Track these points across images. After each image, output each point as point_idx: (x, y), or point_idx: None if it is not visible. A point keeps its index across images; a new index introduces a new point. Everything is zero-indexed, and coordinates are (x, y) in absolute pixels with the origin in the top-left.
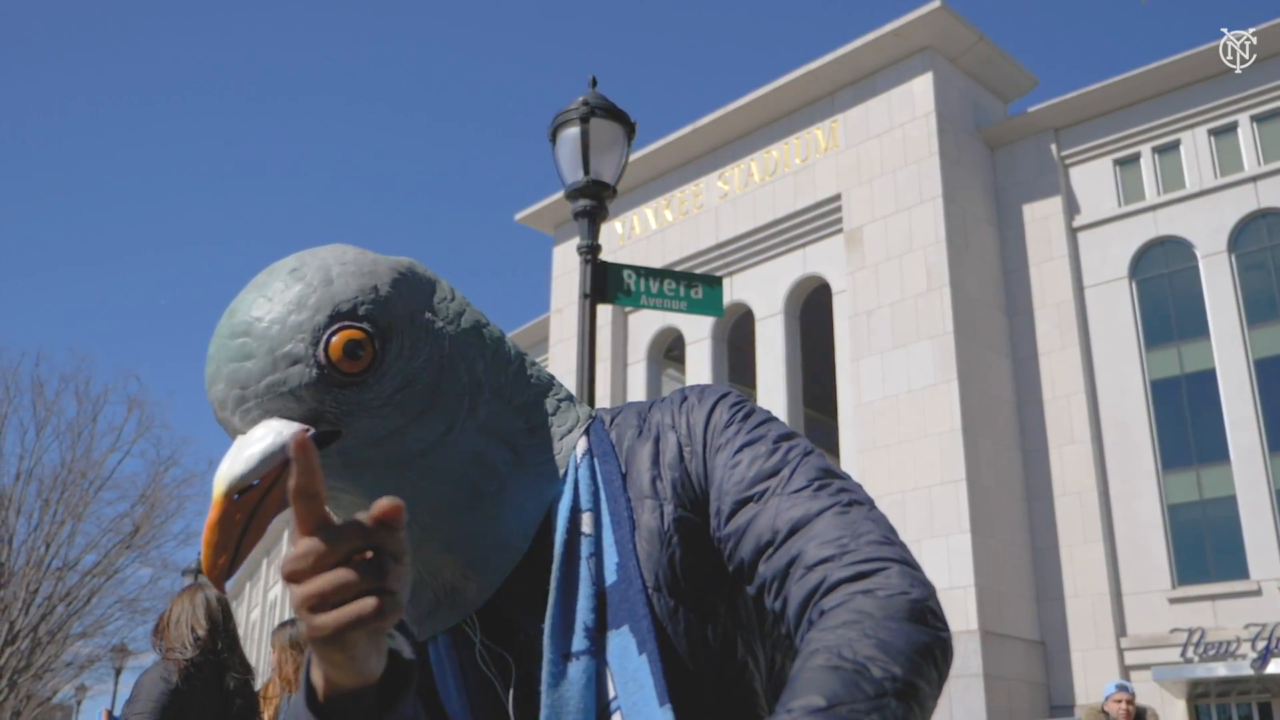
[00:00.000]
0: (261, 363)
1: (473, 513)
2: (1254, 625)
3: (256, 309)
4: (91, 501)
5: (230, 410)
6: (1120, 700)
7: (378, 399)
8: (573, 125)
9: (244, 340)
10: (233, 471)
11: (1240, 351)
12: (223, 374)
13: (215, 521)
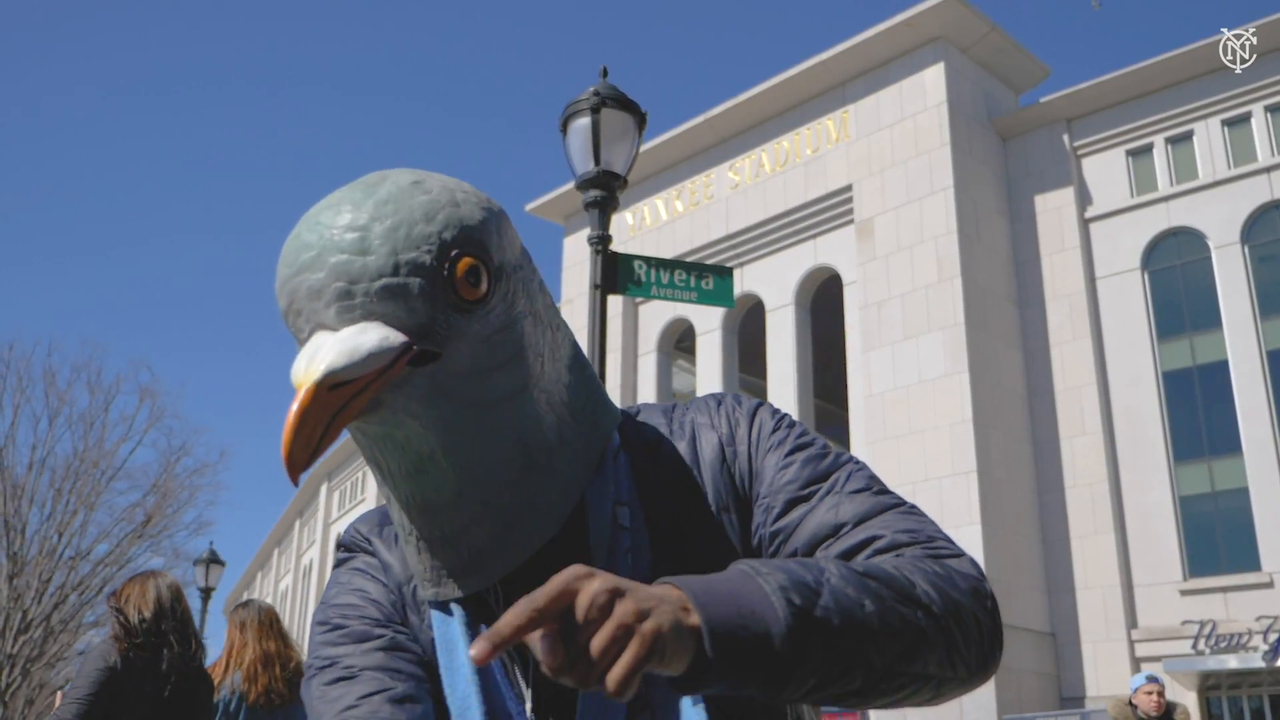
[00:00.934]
0: (381, 261)
1: (521, 480)
2: (1266, 617)
3: (379, 209)
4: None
5: (326, 301)
6: (1151, 692)
7: (481, 333)
8: (584, 115)
9: (360, 235)
10: (336, 362)
11: (1253, 343)
12: (326, 263)
13: (306, 408)
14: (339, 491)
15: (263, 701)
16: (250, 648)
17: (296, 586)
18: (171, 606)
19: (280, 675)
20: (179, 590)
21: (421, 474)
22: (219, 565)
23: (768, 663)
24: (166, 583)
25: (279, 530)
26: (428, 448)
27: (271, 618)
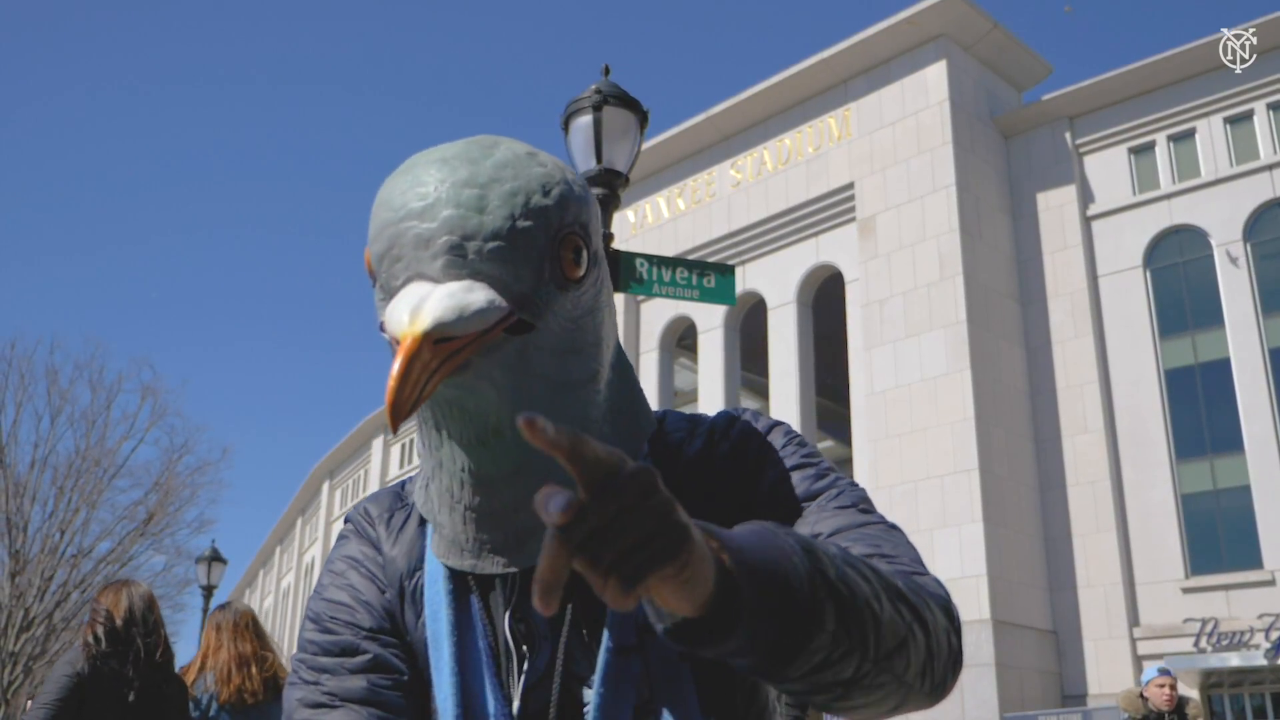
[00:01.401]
0: (497, 224)
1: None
2: (1268, 615)
3: (497, 170)
4: (105, 489)
5: (435, 253)
6: (1163, 685)
7: (571, 313)
8: (585, 113)
9: (479, 194)
10: (445, 316)
11: (1255, 341)
12: (439, 215)
13: (412, 356)
14: (341, 489)
15: (235, 701)
16: (225, 649)
17: (299, 584)
18: (143, 615)
19: (255, 675)
20: (151, 599)
21: (484, 446)
22: (221, 563)
23: (788, 617)
24: (140, 592)
25: (281, 528)
26: (497, 419)
27: (247, 620)
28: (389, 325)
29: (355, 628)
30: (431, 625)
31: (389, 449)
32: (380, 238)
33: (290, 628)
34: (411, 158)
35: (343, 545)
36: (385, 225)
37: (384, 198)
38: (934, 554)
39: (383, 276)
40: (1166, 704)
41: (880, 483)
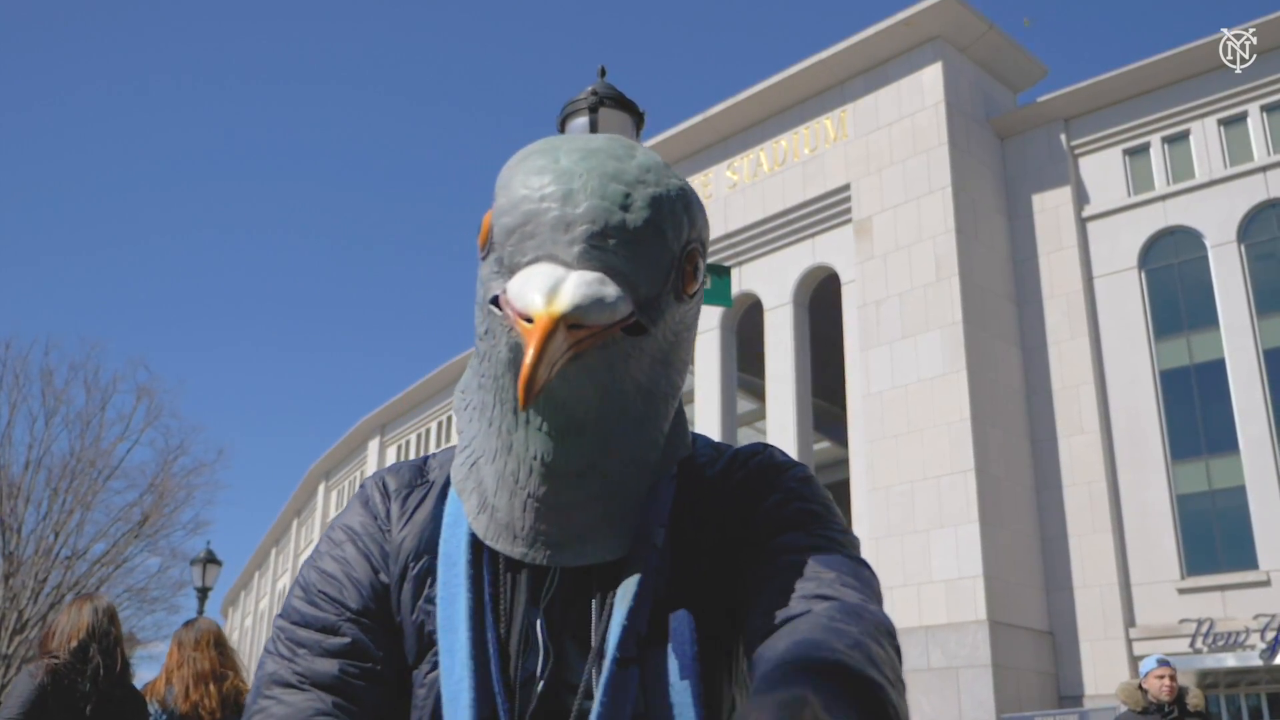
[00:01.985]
0: (638, 222)
1: (641, 480)
2: (1263, 615)
3: (642, 173)
4: (100, 490)
5: (574, 239)
6: (1163, 675)
7: (676, 326)
8: (581, 115)
9: (626, 190)
10: (582, 302)
11: (1250, 342)
12: (585, 202)
13: (550, 335)
14: (337, 490)
15: (192, 717)
16: (186, 665)
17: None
18: (105, 629)
19: (214, 692)
20: (113, 613)
21: (564, 438)
22: (216, 565)
23: None
24: (102, 606)
25: (277, 529)
26: (584, 415)
27: (210, 637)
28: (517, 300)
29: (340, 606)
30: (446, 610)
31: (385, 450)
32: (514, 211)
33: None
34: (548, 140)
35: (348, 513)
36: (522, 201)
37: (522, 174)
38: (931, 554)
39: (507, 250)
40: (1167, 694)
41: (877, 483)
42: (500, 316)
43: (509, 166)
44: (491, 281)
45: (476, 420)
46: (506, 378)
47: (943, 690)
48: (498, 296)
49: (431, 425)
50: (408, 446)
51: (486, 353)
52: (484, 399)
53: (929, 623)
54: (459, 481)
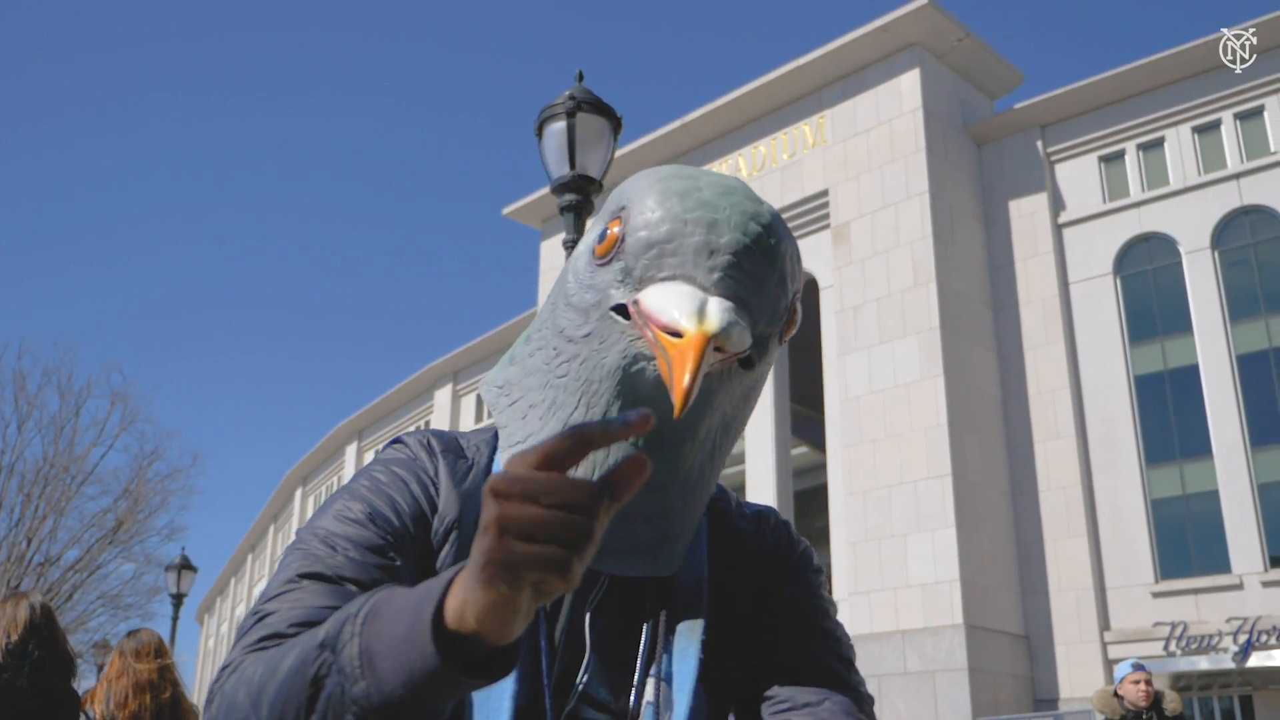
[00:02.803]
0: (772, 264)
1: (699, 506)
2: (1236, 619)
3: (777, 221)
4: (74, 496)
5: (714, 267)
6: (1139, 680)
7: (767, 367)
8: (559, 119)
9: (764, 233)
10: (728, 329)
11: (1223, 347)
12: (730, 235)
13: (701, 352)
14: (314, 496)
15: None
16: (126, 675)
17: None
18: (41, 624)
19: (149, 703)
20: (50, 611)
21: (651, 448)
22: (191, 571)
23: None
24: (37, 602)
25: (253, 535)
26: (679, 435)
27: (150, 647)
28: (660, 314)
29: (389, 531)
30: None
31: (363, 455)
32: (656, 228)
33: None
34: (682, 168)
35: (391, 461)
36: (669, 220)
37: (665, 195)
38: (907, 559)
39: (641, 263)
40: (1144, 700)
41: (854, 488)
42: (624, 325)
43: (644, 185)
44: (613, 289)
45: (535, 418)
46: (605, 383)
47: (919, 694)
48: (623, 305)
49: (409, 430)
50: None
51: (581, 355)
52: (554, 397)
53: (906, 627)
54: None
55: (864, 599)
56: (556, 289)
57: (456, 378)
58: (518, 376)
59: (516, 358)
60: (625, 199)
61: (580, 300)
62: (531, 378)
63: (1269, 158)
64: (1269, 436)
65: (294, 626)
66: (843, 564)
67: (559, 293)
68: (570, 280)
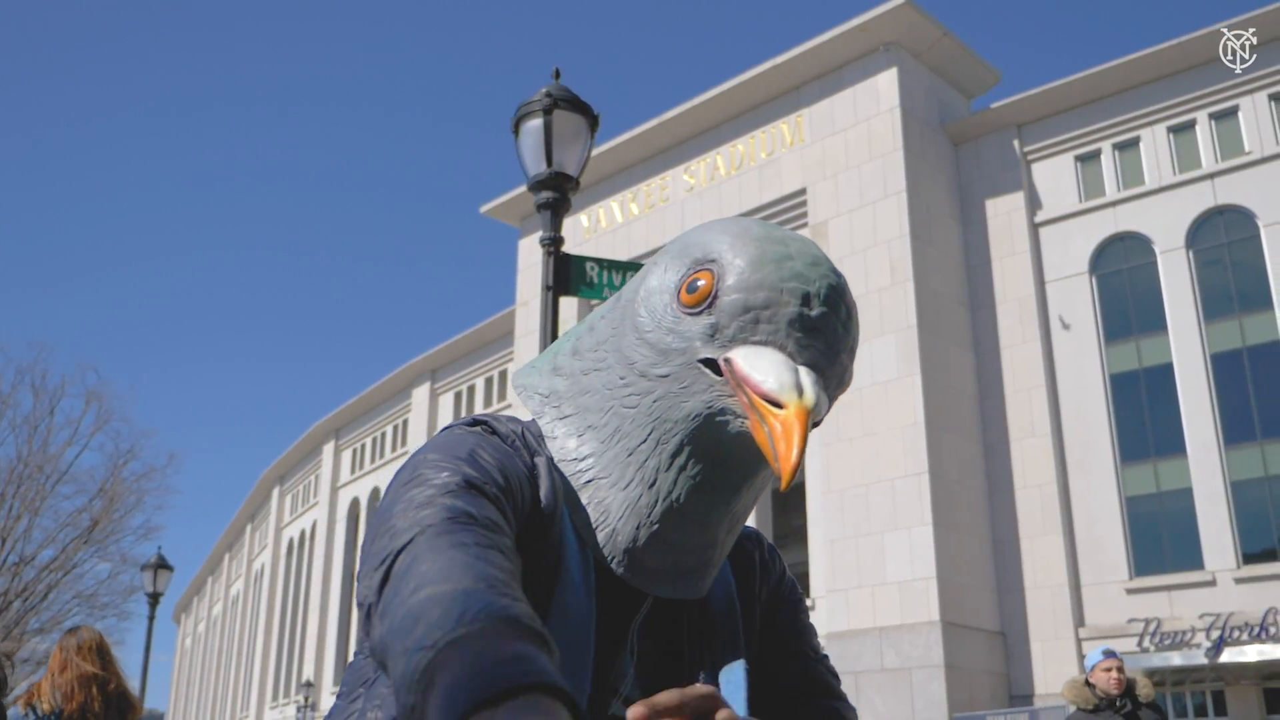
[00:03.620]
0: (848, 341)
1: (735, 536)
2: (1209, 615)
3: (851, 300)
4: (48, 495)
5: (805, 342)
6: (1110, 668)
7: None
8: (536, 117)
9: (847, 312)
10: (821, 405)
11: (1197, 346)
12: (821, 310)
13: (805, 427)
14: (291, 495)
15: (77, 717)
16: (69, 669)
17: (248, 592)
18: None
19: (97, 695)
20: None
21: (712, 492)
22: (167, 570)
23: None
24: None
25: (230, 535)
26: (738, 482)
27: (92, 644)
28: (760, 380)
29: (502, 506)
30: (571, 595)
31: (340, 454)
32: (753, 293)
33: (239, 634)
34: (768, 227)
35: (490, 441)
36: (766, 288)
37: (758, 260)
38: (885, 557)
39: (734, 324)
40: (1115, 687)
41: (832, 486)
42: (714, 379)
43: (736, 243)
44: (699, 342)
45: (595, 440)
46: (681, 425)
47: (896, 690)
48: (713, 360)
49: (387, 429)
50: (363, 451)
51: (655, 393)
52: (619, 425)
53: (883, 624)
54: (569, 492)
55: (841, 596)
56: (620, 315)
57: (434, 376)
58: (567, 390)
59: (563, 369)
60: (713, 250)
61: (659, 341)
62: (589, 397)
63: (1243, 158)
64: (1242, 435)
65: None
66: (820, 562)
67: (627, 322)
68: (644, 315)
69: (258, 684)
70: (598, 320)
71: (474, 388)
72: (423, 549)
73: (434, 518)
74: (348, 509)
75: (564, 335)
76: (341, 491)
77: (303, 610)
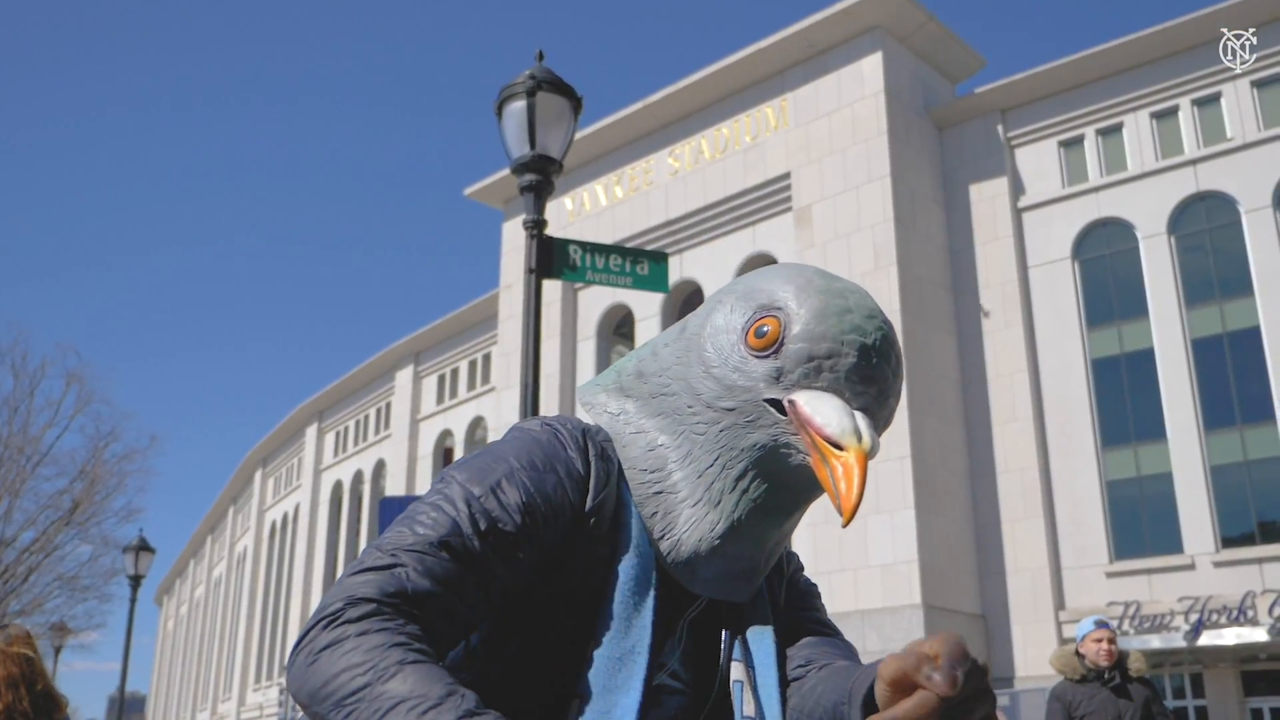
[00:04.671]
0: (898, 389)
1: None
2: (1187, 598)
3: (899, 346)
4: (29, 477)
5: (862, 392)
6: (1100, 639)
7: None
8: (519, 99)
9: (899, 361)
10: (876, 447)
11: (1178, 331)
12: (878, 364)
13: (865, 470)
14: (274, 478)
15: (5, 717)
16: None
17: (230, 574)
18: None
19: (24, 695)
20: None
21: (773, 515)
22: (149, 552)
23: None
24: None
25: (212, 517)
26: (794, 505)
27: (20, 641)
28: (823, 425)
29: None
30: (634, 595)
31: (323, 436)
32: (818, 344)
33: (222, 616)
34: (831, 279)
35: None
36: (829, 339)
37: (830, 316)
38: (867, 540)
39: (798, 370)
40: (1105, 659)
41: None
42: (778, 417)
43: (800, 293)
44: (765, 384)
45: (669, 460)
46: (747, 454)
47: None
48: (777, 400)
49: (370, 412)
50: (346, 433)
51: (721, 423)
52: (689, 450)
53: (865, 607)
54: (640, 499)
55: (824, 580)
56: (685, 346)
57: (418, 359)
58: (636, 411)
59: (630, 391)
60: (779, 299)
61: (725, 378)
62: (659, 419)
63: (1225, 144)
64: (1222, 420)
65: (413, 600)
66: (803, 545)
67: (693, 354)
68: (710, 351)
69: (240, 666)
70: (661, 347)
71: (457, 371)
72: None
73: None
74: (330, 492)
75: (626, 356)
76: (324, 474)
77: (285, 593)
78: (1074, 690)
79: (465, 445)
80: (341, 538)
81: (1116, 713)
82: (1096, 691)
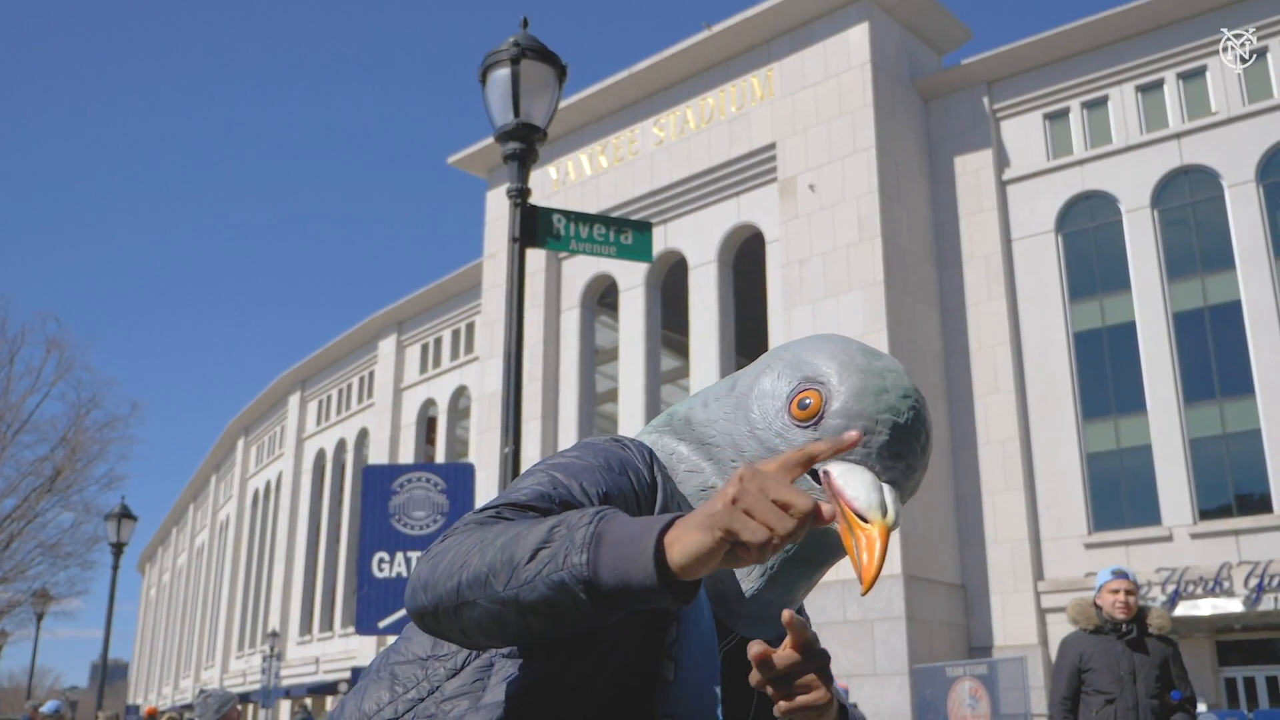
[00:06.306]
0: (924, 468)
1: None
2: (1165, 569)
3: (931, 422)
4: (9, 444)
5: (890, 468)
6: (1118, 590)
7: None
8: (503, 67)
9: (928, 439)
10: (899, 520)
11: (1160, 305)
12: (908, 440)
13: (886, 544)
14: (257, 446)
15: None
16: None
17: (213, 542)
18: None
19: None
20: None
21: (802, 566)
22: (131, 520)
23: None
24: None
25: (195, 485)
26: (822, 560)
27: None
28: (854, 498)
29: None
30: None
31: (306, 405)
32: (856, 421)
33: (204, 584)
34: (872, 356)
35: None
36: (865, 418)
37: (867, 396)
38: None
39: (837, 439)
40: (1121, 611)
41: None
42: (814, 485)
43: (843, 371)
44: (803, 438)
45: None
46: None
47: (858, 642)
48: (818, 471)
49: (353, 380)
50: (329, 402)
51: None
52: None
53: (845, 577)
54: None
55: None
56: (734, 404)
57: (401, 328)
58: (689, 455)
59: (680, 434)
60: (822, 374)
61: (768, 440)
62: (710, 465)
63: (1209, 118)
64: (1202, 393)
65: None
66: None
67: (740, 413)
68: (756, 413)
69: (223, 634)
70: (712, 400)
71: (441, 340)
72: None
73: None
74: (313, 460)
75: (679, 403)
76: (307, 443)
77: (268, 561)
78: (1086, 640)
79: (448, 414)
80: (324, 506)
81: (1131, 667)
82: (1111, 644)
